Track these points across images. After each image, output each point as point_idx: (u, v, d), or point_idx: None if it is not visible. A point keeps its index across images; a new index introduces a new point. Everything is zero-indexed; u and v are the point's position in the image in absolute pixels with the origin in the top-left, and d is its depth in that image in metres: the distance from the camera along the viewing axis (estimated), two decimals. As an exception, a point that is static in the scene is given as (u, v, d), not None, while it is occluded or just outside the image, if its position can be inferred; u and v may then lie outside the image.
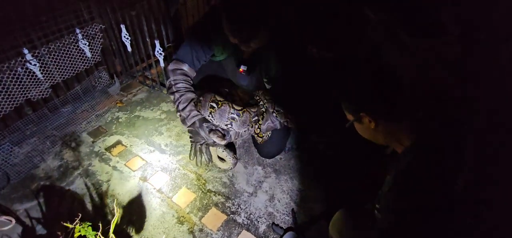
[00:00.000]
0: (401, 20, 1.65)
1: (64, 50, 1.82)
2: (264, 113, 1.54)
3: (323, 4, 2.00)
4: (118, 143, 1.87)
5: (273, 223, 1.38)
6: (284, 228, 1.36)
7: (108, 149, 1.82)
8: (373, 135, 0.89)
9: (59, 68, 1.82)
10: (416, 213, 0.75)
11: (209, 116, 1.46)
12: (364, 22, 1.79)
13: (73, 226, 0.93)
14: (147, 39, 2.02)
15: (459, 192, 0.77)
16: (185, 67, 1.51)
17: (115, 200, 1.49)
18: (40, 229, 1.38)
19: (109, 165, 1.71)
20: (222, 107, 1.44)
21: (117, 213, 1.02)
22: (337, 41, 1.95)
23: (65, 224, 0.97)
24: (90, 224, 0.99)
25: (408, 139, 0.82)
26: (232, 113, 1.44)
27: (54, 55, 1.77)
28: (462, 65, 1.53)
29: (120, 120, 2.06)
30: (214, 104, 1.45)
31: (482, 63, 1.54)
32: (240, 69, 1.48)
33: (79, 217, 0.96)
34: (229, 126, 1.46)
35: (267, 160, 1.72)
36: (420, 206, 0.74)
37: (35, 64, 1.68)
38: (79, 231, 0.92)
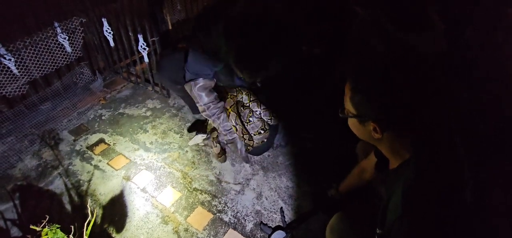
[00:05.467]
0: (388, 15, 1.65)
1: (42, 44, 1.73)
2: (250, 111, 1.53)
3: (312, 1, 1.98)
4: (101, 141, 1.80)
5: (261, 222, 1.36)
6: (272, 227, 1.34)
7: (90, 147, 1.75)
8: (370, 139, 0.82)
9: (36, 64, 1.74)
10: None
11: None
12: (352, 18, 1.78)
13: (40, 229, 0.87)
14: (130, 34, 1.95)
15: (469, 201, 0.73)
16: (202, 82, 1.44)
17: (90, 201, 1.43)
18: (15, 232, 1.31)
19: (91, 164, 1.65)
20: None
21: (93, 215, 0.97)
22: (326, 37, 1.94)
23: (32, 226, 0.91)
24: (59, 226, 0.94)
25: (408, 152, 0.77)
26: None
27: (30, 49, 1.69)
28: (448, 58, 1.54)
29: (103, 118, 1.99)
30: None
31: (468, 57, 1.56)
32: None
33: (47, 219, 0.90)
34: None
35: (255, 157, 1.69)
36: (439, 225, 0.69)
37: (10, 59, 1.59)
38: (46, 234, 0.86)
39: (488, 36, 1.56)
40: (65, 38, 1.83)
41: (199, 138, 1.70)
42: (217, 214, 1.40)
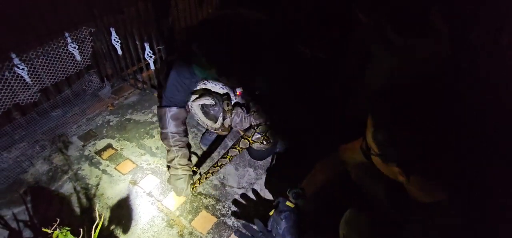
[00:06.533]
0: (391, 20, 1.66)
1: (53, 53, 1.80)
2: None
3: (316, 7, 2.02)
4: (109, 146, 1.85)
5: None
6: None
7: (98, 152, 1.81)
8: (396, 178, 0.76)
9: (48, 72, 1.81)
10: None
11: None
12: (355, 24, 1.80)
13: (51, 231, 0.92)
14: (137, 42, 2.02)
15: None
16: (175, 111, 1.44)
17: (98, 204, 1.48)
18: (27, 234, 1.36)
19: (99, 169, 1.70)
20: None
21: (101, 218, 1.01)
22: (332, 42, 1.96)
23: (43, 229, 0.96)
24: (69, 229, 0.98)
25: (442, 194, 0.72)
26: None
27: (42, 59, 1.76)
28: (454, 63, 1.54)
29: (111, 123, 2.04)
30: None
31: (472, 61, 1.55)
32: (237, 93, 1.49)
33: (57, 222, 0.94)
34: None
35: (259, 161, 1.72)
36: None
37: (23, 69, 1.67)
38: (57, 237, 0.91)
39: (494, 37, 1.56)
40: (75, 47, 1.90)
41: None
42: (221, 218, 1.43)
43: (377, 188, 1.05)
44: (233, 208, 1.47)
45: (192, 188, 1.50)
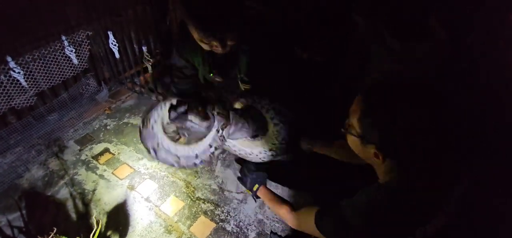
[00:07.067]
0: (389, 24, 1.66)
1: (50, 57, 1.79)
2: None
3: (313, 9, 2.01)
4: (106, 150, 1.83)
5: (271, 231, 1.36)
6: (283, 236, 1.34)
7: (95, 157, 1.79)
8: (366, 159, 0.84)
9: (44, 76, 1.79)
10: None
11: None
12: (353, 27, 1.80)
13: (47, 239, 0.90)
14: (135, 46, 2.00)
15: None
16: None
17: (95, 210, 1.45)
18: (22, 241, 1.34)
19: (96, 174, 1.67)
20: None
21: (99, 225, 0.99)
22: (329, 46, 1.96)
23: (39, 237, 0.94)
24: (66, 237, 0.96)
25: (396, 176, 0.79)
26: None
27: (39, 62, 1.74)
28: (452, 67, 1.55)
29: (108, 127, 2.02)
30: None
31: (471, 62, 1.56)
32: (212, 75, 1.40)
33: (54, 230, 0.92)
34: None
35: (257, 165, 1.70)
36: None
37: (19, 72, 1.64)
38: (54, 244, 0.89)
39: (491, 41, 1.56)
40: (72, 51, 1.88)
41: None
42: (220, 223, 1.41)
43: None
44: (232, 214, 1.45)
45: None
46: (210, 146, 1.22)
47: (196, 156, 1.21)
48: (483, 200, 1.09)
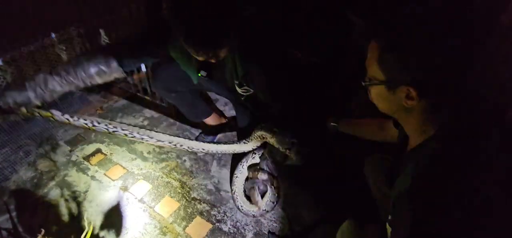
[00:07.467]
0: (385, 25, 1.66)
1: (39, 55, 1.73)
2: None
3: (307, 9, 2.00)
4: (98, 151, 1.78)
5: (269, 231, 1.34)
6: (281, 236, 1.32)
7: (87, 157, 1.73)
8: (397, 111, 0.72)
9: (33, 74, 1.73)
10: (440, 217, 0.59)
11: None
12: (349, 26, 1.80)
13: (37, 241, 0.86)
14: (128, 44, 1.96)
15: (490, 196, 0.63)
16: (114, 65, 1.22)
17: (86, 212, 1.41)
18: (9, 245, 1.28)
19: (87, 175, 1.62)
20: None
21: (90, 227, 0.95)
22: (324, 46, 1.95)
23: (29, 239, 0.90)
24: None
25: (433, 129, 0.68)
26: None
27: (27, 60, 1.68)
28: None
29: (100, 127, 1.97)
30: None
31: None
32: (199, 74, 1.34)
33: (42, 232, 0.88)
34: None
35: (254, 165, 1.68)
36: (445, 207, 0.59)
37: (6, 70, 1.59)
38: (44, 247, 0.85)
39: (482, 41, 1.58)
40: (62, 49, 1.82)
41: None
42: (216, 223, 1.38)
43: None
44: (229, 214, 1.43)
45: None
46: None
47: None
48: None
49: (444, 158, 0.63)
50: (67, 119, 1.11)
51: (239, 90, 1.47)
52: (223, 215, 1.42)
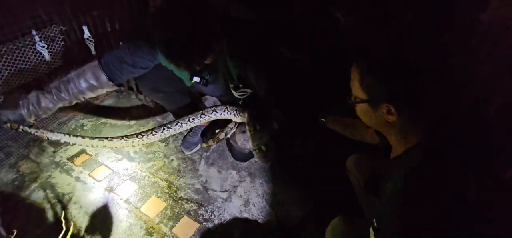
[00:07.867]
0: (370, 20, 1.68)
1: (18, 53, 1.67)
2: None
3: (293, 7, 2.00)
4: (82, 152, 1.74)
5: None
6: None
7: (71, 158, 1.69)
8: (381, 126, 0.79)
9: (13, 73, 1.68)
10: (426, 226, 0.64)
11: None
12: (335, 24, 1.81)
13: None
14: (112, 42, 1.92)
15: (472, 199, 0.70)
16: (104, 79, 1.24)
17: (69, 213, 1.38)
18: (-12, 250, 1.24)
19: (72, 176, 1.59)
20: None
21: (70, 228, 0.93)
22: (311, 44, 1.96)
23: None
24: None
25: (417, 137, 0.74)
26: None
27: (6, 58, 1.63)
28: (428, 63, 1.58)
29: (85, 127, 1.93)
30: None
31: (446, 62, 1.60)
32: (192, 81, 1.36)
33: (14, 233, 0.85)
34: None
35: (242, 163, 1.68)
36: (431, 217, 0.65)
37: (-16, 69, 1.53)
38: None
39: (463, 41, 1.61)
40: (43, 47, 1.77)
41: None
42: (204, 223, 1.37)
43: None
44: (216, 213, 1.42)
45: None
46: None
47: None
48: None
49: (429, 165, 0.70)
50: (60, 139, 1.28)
51: (235, 94, 1.47)
52: (210, 214, 1.41)
